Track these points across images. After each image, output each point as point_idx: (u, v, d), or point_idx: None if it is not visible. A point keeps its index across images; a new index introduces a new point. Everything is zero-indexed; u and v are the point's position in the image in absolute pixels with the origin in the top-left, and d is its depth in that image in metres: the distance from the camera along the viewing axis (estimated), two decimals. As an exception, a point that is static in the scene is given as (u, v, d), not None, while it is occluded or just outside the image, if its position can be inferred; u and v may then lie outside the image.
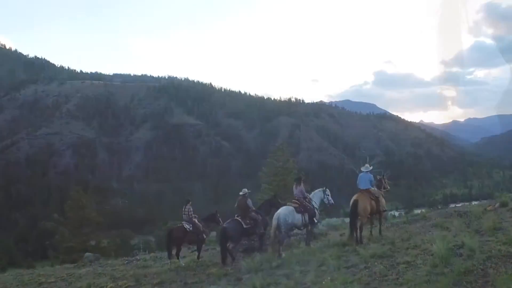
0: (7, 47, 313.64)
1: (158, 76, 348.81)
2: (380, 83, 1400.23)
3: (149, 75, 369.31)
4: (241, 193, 16.60)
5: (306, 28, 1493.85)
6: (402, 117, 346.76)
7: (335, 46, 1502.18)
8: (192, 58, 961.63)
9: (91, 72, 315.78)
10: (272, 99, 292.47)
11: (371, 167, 15.70)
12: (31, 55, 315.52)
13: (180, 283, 13.28)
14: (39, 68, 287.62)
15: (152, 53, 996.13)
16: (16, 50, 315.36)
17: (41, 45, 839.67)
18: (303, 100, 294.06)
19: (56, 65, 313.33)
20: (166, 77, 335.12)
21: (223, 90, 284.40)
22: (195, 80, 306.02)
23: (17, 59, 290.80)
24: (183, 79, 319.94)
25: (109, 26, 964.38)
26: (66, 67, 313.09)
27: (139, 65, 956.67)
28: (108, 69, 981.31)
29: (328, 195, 15.86)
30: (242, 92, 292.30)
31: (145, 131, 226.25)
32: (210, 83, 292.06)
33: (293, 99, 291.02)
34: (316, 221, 15.39)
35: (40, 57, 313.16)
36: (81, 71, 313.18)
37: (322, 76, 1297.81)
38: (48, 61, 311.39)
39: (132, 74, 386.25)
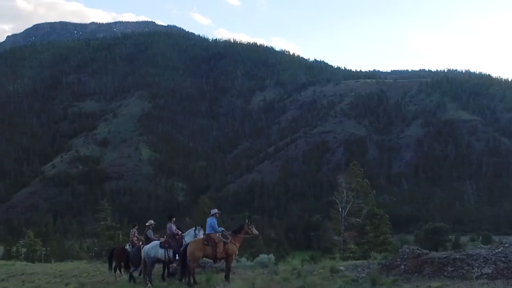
0: (291, 53, 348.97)
1: (436, 70, 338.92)
2: None
3: (426, 69, 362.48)
4: (147, 224, 18.68)
5: None
6: None
7: None
8: (474, 48, 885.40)
9: (367, 71, 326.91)
10: None
11: (217, 211, 16.33)
12: (311, 59, 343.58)
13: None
14: (318, 71, 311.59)
15: (431, 46, 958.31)
16: (298, 56, 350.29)
17: (321, 48, 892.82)
18: None
19: (333, 66, 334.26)
20: (445, 71, 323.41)
21: (503, 81, 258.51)
22: (475, 72, 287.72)
23: (299, 63, 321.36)
24: (463, 71, 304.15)
25: (387, 23, 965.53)
26: (343, 68, 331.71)
27: (417, 60, 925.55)
28: (385, 67, 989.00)
29: (197, 234, 16.75)
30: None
31: (416, 128, 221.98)
32: (489, 75, 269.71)
33: None
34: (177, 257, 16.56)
35: (319, 60, 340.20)
36: (356, 70, 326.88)
37: None
38: (327, 63, 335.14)
39: (409, 70, 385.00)
